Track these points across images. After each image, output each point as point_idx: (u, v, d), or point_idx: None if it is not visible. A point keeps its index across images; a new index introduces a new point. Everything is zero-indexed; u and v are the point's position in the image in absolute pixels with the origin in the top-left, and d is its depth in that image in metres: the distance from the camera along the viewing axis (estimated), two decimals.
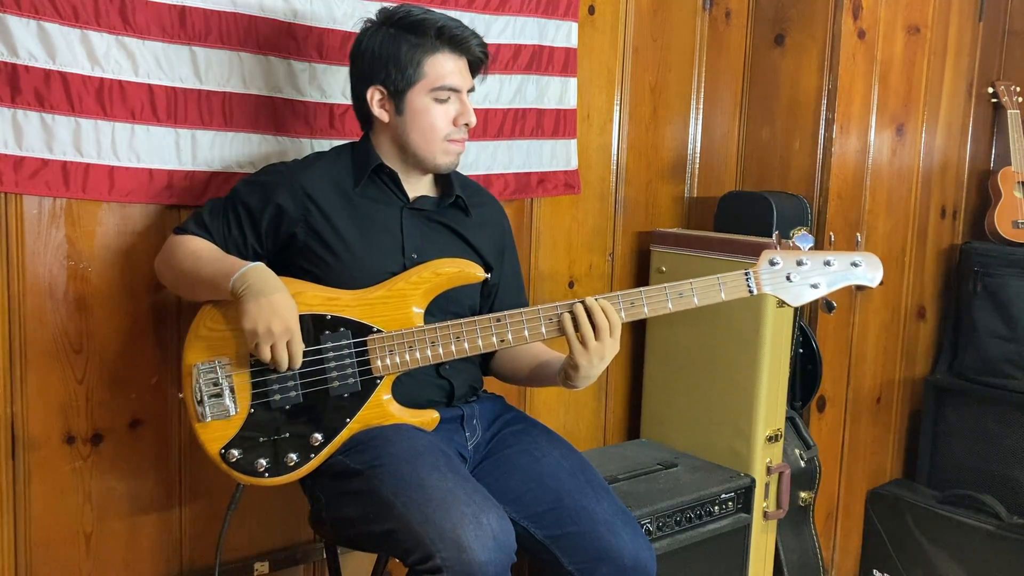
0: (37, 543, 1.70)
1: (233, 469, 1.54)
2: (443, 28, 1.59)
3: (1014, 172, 3.04)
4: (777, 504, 2.41)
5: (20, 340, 1.64)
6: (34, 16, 1.56)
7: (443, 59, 1.60)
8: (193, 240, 1.61)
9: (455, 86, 1.61)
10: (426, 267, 1.60)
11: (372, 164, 1.65)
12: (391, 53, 1.59)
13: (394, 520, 1.40)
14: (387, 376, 1.57)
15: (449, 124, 1.63)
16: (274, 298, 1.47)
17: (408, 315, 1.58)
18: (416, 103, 1.61)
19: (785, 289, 1.65)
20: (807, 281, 1.64)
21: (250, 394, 1.54)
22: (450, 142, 1.64)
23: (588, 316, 1.54)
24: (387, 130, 1.65)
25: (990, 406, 2.94)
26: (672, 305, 1.61)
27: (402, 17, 1.60)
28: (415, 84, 1.60)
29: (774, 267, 1.65)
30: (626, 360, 2.66)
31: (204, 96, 1.75)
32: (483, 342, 1.58)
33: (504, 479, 1.62)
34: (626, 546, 1.53)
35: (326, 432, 1.55)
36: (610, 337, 1.54)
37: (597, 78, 2.46)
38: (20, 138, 1.58)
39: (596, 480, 1.64)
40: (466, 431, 1.68)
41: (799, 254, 1.66)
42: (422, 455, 1.48)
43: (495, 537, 1.36)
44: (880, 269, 1.67)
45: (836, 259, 1.66)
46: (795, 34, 2.67)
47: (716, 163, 2.81)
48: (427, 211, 1.70)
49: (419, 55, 1.59)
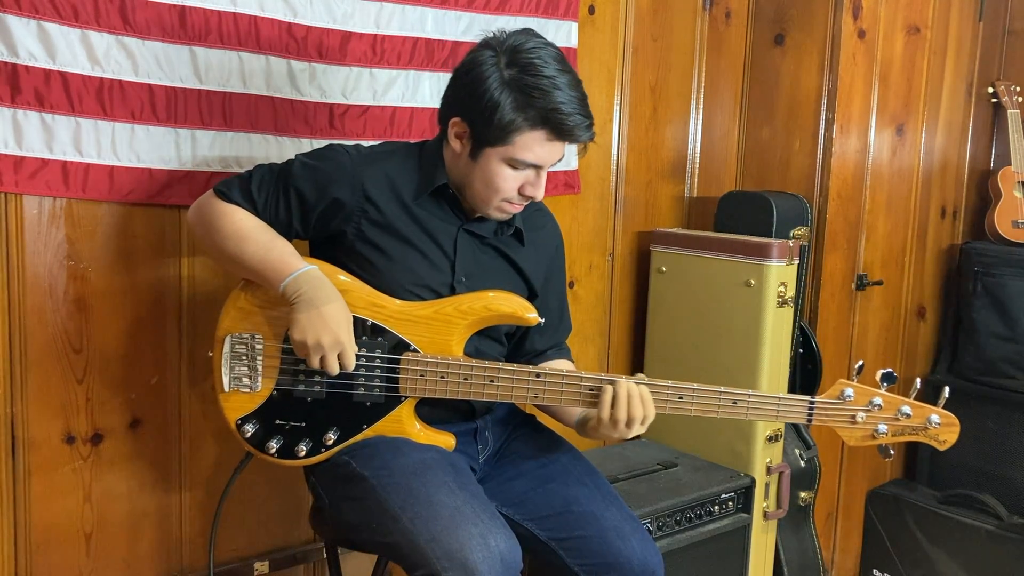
0: (37, 543, 1.70)
1: (246, 441, 1.54)
2: (553, 111, 1.45)
3: (1014, 172, 3.04)
4: (777, 504, 2.41)
5: (20, 340, 1.64)
6: (34, 16, 1.56)
7: (538, 139, 1.47)
8: (237, 213, 1.51)
9: (536, 163, 1.50)
10: (479, 299, 1.55)
11: (436, 183, 1.56)
12: (490, 103, 1.45)
13: (399, 534, 1.38)
14: (411, 398, 1.54)
15: (514, 190, 1.52)
16: (326, 309, 1.44)
17: (448, 343, 1.53)
18: (491, 160, 1.50)
19: (847, 429, 1.51)
20: (872, 426, 1.50)
21: (276, 376, 1.53)
22: (508, 203, 1.55)
23: (628, 400, 1.50)
24: (456, 157, 1.55)
25: (990, 406, 2.94)
26: (721, 413, 1.53)
27: (525, 68, 1.46)
28: (497, 146, 1.48)
29: (842, 401, 1.51)
30: (626, 360, 2.66)
31: (204, 96, 1.75)
32: (515, 394, 1.54)
33: (511, 483, 1.61)
34: (635, 553, 1.52)
35: (341, 433, 1.54)
36: (640, 425, 1.51)
37: (597, 78, 2.46)
38: (20, 138, 1.58)
39: (604, 486, 1.63)
40: (479, 444, 1.66)
41: (876, 395, 1.51)
42: (431, 469, 1.46)
43: (503, 559, 1.35)
44: (956, 434, 1.51)
45: (913, 410, 1.51)
46: (795, 34, 2.67)
47: (716, 163, 2.81)
48: (484, 236, 1.63)
49: (516, 123, 1.46)
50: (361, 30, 1.94)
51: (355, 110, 1.95)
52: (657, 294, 2.54)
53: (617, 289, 2.59)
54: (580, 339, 2.51)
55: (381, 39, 1.97)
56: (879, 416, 1.50)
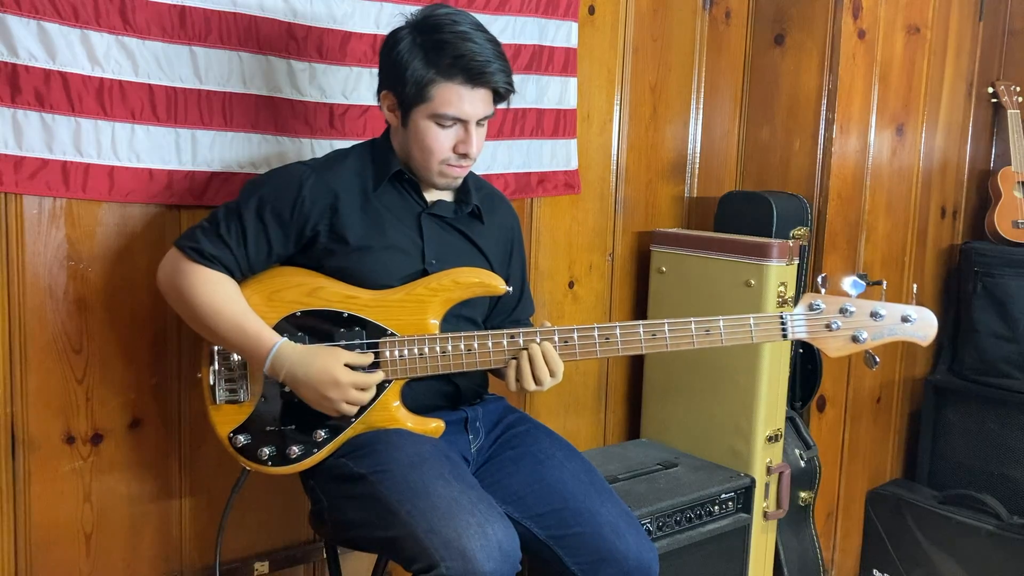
0: (37, 543, 1.70)
1: (239, 453, 1.57)
2: (460, 58, 1.52)
3: (1014, 172, 3.04)
4: (777, 504, 2.41)
5: (20, 340, 1.64)
6: (34, 16, 1.56)
7: (454, 88, 1.53)
8: (208, 282, 1.53)
9: (459, 116, 1.56)
10: (447, 275, 1.60)
11: (391, 170, 1.63)
12: (405, 65, 1.54)
13: (399, 528, 1.39)
14: (395, 381, 1.57)
15: (448, 150, 1.58)
16: (311, 372, 1.50)
17: (424, 322, 1.58)
18: (418, 122, 1.57)
19: (824, 338, 1.52)
20: (849, 332, 1.51)
21: (263, 383, 1.57)
22: (448, 166, 1.60)
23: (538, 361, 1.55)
24: (396, 135, 1.65)
25: (990, 406, 2.94)
26: (697, 342, 1.54)
27: (429, 30, 1.54)
28: (419, 105, 1.56)
29: (814, 312, 1.52)
30: (626, 360, 2.66)
31: (204, 96, 1.75)
32: (495, 358, 1.57)
33: (507, 480, 1.62)
34: (630, 548, 1.54)
35: (331, 429, 1.56)
36: (551, 378, 1.56)
37: (597, 78, 2.46)
38: (20, 138, 1.57)
39: (600, 482, 1.64)
40: (469, 434, 1.68)
41: (845, 301, 1.52)
42: (427, 461, 1.48)
43: (500, 547, 1.36)
44: (934, 327, 1.52)
45: (886, 311, 1.52)
46: (795, 34, 2.67)
47: (716, 163, 2.81)
48: (445, 217, 1.69)
49: (429, 77, 1.53)
50: (361, 30, 1.94)
51: (355, 110, 1.95)
52: (657, 294, 2.54)
53: (617, 289, 2.59)
54: None
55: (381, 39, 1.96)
56: (854, 322, 1.50)
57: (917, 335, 1.51)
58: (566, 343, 1.56)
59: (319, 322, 1.56)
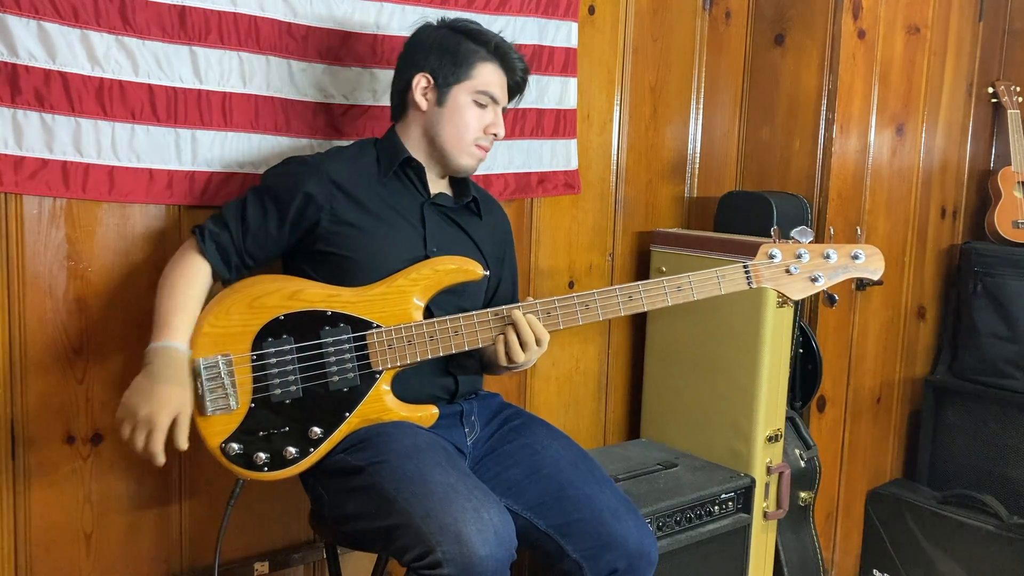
0: (37, 543, 1.70)
1: (233, 463, 1.55)
2: (499, 45, 1.71)
3: (1014, 172, 3.04)
4: (777, 504, 2.41)
5: (20, 340, 1.64)
6: (34, 16, 1.56)
7: (493, 69, 1.70)
8: (189, 265, 1.59)
9: (496, 96, 1.71)
10: (425, 264, 1.63)
11: (400, 157, 1.69)
12: (449, 48, 1.68)
13: (396, 515, 1.41)
14: (386, 371, 1.58)
15: (480, 129, 1.70)
16: (160, 387, 1.46)
17: (407, 311, 1.59)
18: (459, 99, 1.68)
19: (785, 283, 1.66)
20: (807, 274, 1.65)
21: (251, 389, 1.54)
22: (477, 147, 1.71)
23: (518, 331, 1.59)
24: (421, 120, 1.71)
25: (990, 406, 2.94)
26: (671, 299, 1.62)
27: (464, 24, 1.72)
28: (463, 81, 1.68)
29: (773, 260, 1.65)
30: (626, 360, 2.66)
31: (204, 96, 1.75)
32: (482, 336, 1.60)
33: (505, 472, 1.64)
34: (631, 532, 1.56)
35: (325, 426, 1.56)
36: (537, 347, 1.59)
37: (597, 78, 2.46)
38: (20, 138, 1.57)
39: (597, 470, 1.66)
40: (465, 427, 1.70)
41: (798, 247, 1.66)
42: (424, 451, 1.49)
43: (496, 532, 1.37)
44: (882, 262, 1.67)
45: (836, 251, 1.67)
46: (795, 34, 2.67)
47: (716, 163, 2.81)
48: (446, 208, 1.74)
49: (474, 58, 1.68)
50: (361, 30, 1.94)
51: (355, 110, 1.95)
52: None
53: None
54: (580, 339, 2.51)
55: (381, 39, 1.97)
56: (809, 265, 1.65)
57: (867, 271, 1.67)
58: (548, 314, 1.61)
59: (304, 323, 1.55)
